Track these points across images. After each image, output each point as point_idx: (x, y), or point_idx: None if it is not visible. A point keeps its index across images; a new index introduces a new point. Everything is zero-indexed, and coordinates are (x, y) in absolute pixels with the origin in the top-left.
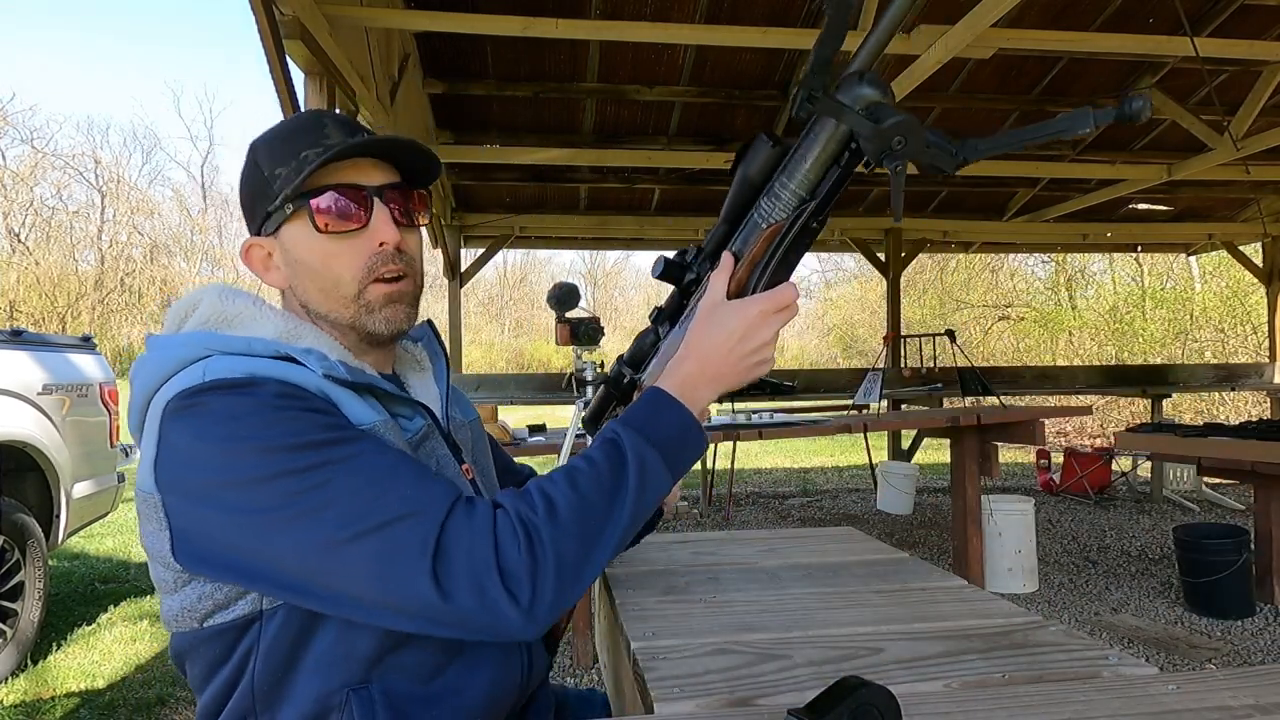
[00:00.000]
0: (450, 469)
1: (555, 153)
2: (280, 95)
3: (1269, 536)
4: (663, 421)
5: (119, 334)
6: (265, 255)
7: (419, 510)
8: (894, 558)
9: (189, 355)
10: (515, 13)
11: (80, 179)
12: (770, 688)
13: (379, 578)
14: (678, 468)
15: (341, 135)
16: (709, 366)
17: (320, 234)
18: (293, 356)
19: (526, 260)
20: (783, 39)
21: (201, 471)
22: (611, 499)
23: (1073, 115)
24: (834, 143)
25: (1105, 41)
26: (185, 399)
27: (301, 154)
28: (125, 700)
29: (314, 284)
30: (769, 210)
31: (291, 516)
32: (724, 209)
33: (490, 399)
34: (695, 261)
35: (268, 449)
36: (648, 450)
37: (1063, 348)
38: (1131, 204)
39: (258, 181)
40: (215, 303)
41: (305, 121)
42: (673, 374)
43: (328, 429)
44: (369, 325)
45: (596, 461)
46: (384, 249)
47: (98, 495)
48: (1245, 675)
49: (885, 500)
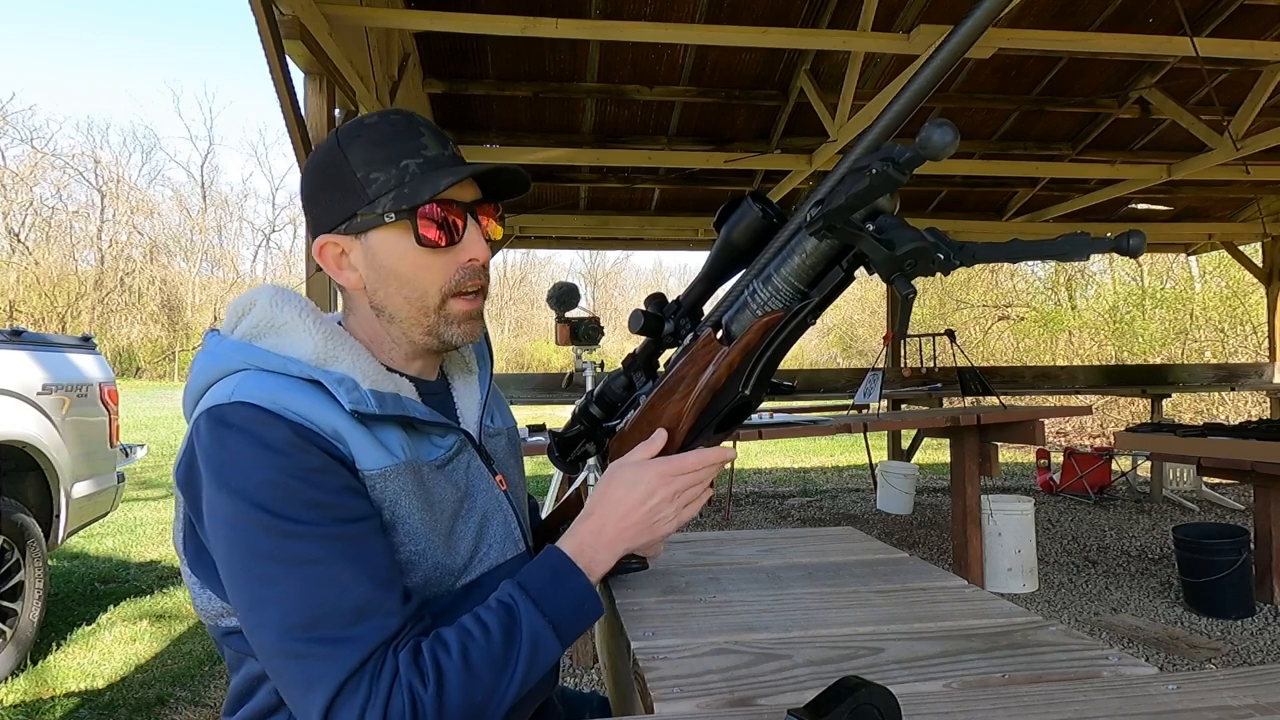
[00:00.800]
0: (483, 481)
1: (555, 152)
2: (280, 95)
3: (1269, 536)
4: (562, 593)
5: (119, 334)
6: (340, 253)
7: (339, 655)
8: (894, 558)
9: (230, 366)
10: (515, 13)
11: (80, 179)
12: (770, 688)
13: (285, 691)
14: (569, 638)
15: (437, 146)
16: (608, 528)
17: (419, 246)
18: (323, 383)
19: (526, 260)
20: (783, 39)
21: (205, 502)
22: (500, 673)
23: (1072, 240)
24: (837, 245)
25: (1105, 41)
26: (212, 419)
27: (401, 162)
28: (125, 700)
29: (400, 291)
30: (765, 298)
31: (246, 591)
32: (705, 266)
33: None
34: (674, 315)
35: (246, 518)
36: (542, 626)
37: (1062, 348)
38: (1131, 204)
39: (345, 179)
40: (266, 307)
41: (400, 126)
42: (574, 534)
43: (310, 508)
44: (446, 336)
45: (491, 631)
46: (473, 264)
47: (98, 495)
48: (1245, 675)
49: (885, 500)
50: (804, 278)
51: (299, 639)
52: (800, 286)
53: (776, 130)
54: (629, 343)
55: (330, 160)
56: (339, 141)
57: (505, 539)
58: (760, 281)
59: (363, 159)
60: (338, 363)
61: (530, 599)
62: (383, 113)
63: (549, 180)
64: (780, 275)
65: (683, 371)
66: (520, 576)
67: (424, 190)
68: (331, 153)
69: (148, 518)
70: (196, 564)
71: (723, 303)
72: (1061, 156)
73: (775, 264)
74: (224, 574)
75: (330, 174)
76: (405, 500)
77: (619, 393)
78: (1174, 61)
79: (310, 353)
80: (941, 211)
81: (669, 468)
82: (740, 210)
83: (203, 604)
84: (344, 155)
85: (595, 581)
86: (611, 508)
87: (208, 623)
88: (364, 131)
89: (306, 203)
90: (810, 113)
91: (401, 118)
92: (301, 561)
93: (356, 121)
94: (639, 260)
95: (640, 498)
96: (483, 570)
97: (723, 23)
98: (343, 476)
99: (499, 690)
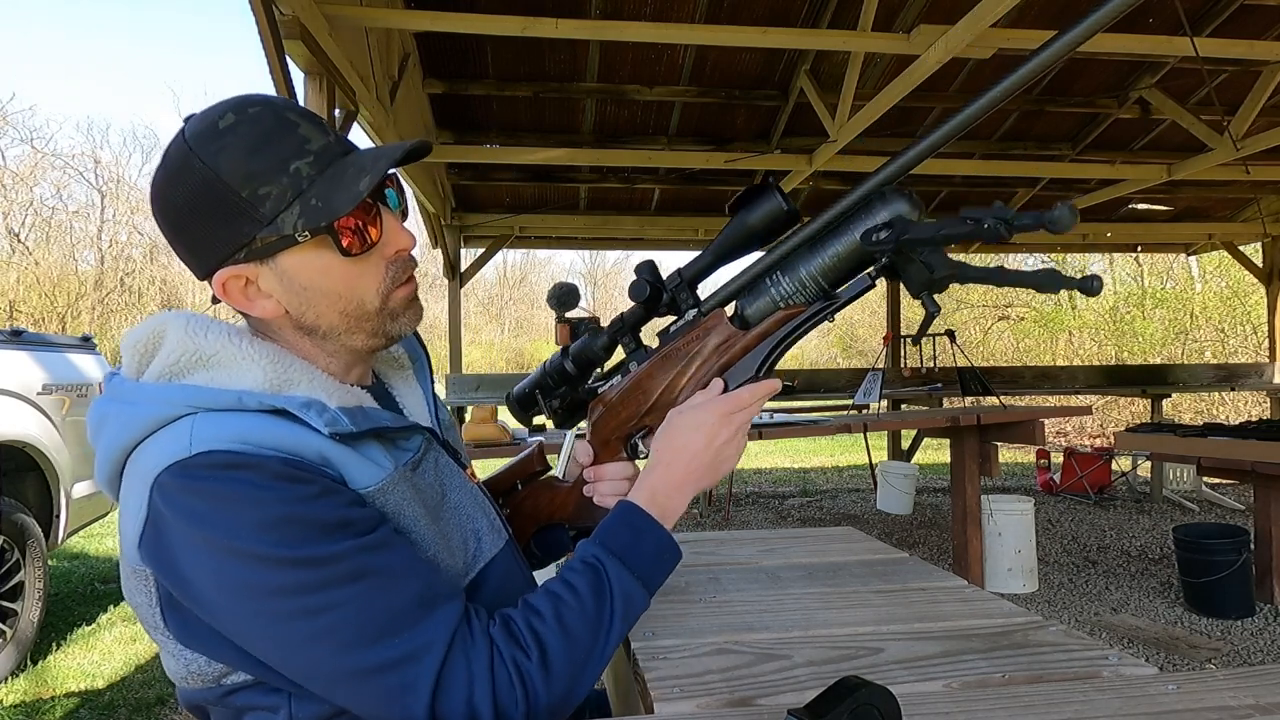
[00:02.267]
0: (455, 478)
1: (555, 153)
2: (280, 95)
3: (1269, 536)
4: (643, 547)
5: (119, 334)
6: (244, 284)
7: (423, 649)
8: (894, 558)
9: (167, 414)
10: (515, 13)
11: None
12: (770, 688)
13: (381, 710)
14: (655, 587)
15: (319, 135)
16: (675, 473)
17: (345, 257)
18: (290, 410)
19: (526, 260)
20: (783, 39)
21: (197, 568)
22: (596, 633)
23: (1048, 275)
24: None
25: (1105, 41)
26: (178, 479)
27: (290, 167)
28: (125, 700)
29: (334, 308)
30: (788, 290)
31: (297, 634)
32: (715, 243)
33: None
34: (675, 288)
35: (269, 560)
36: (631, 582)
37: (1062, 348)
38: (1131, 204)
39: (224, 201)
40: (184, 338)
41: (267, 121)
42: (644, 485)
43: (332, 531)
44: (393, 330)
45: (581, 594)
46: (400, 256)
47: (98, 495)
48: (1245, 675)
49: (885, 500)
50: (830, 277)
51: (372, 652)
52: (824, 285)
53: (776, 130)
54: None
55: (196, 180)
56: (199, 157)
57: (490, 530)
58: (783, 273)
59: (240, 173)
60: (295, 386)
61: (614, 555)
62: (236, 106)
63: (549, 180)
64: (806, 270)
65: (688, 347)
66: (599, 535)
67: (339, 200)
68: (192, 172)
69: None
70: (186, 635)
71: (735, 284)
72: (1061, 156)
73: (802, 259)
74: (244, 630)
75: (202, 196)
76: (409, 509)
77: (599, 353)
78: (1174, 61)
79: (261, 381)
80: (942, 211)
81: (728, 405)
82: (764, 197)
83: (197, 669)
84: (212, 172)
85: (670, 527)
86: (678, 453)
87: (198, 687)
88: (228, 139)
89: (174, 235)
90: (810, 113)
91: (263, 109)
92: (341, 581)
93: (209, 126)
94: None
95: (705, 439)
96: (480, 566)
97: (723, 23)
98: (346, 494)
99: (596, 649)
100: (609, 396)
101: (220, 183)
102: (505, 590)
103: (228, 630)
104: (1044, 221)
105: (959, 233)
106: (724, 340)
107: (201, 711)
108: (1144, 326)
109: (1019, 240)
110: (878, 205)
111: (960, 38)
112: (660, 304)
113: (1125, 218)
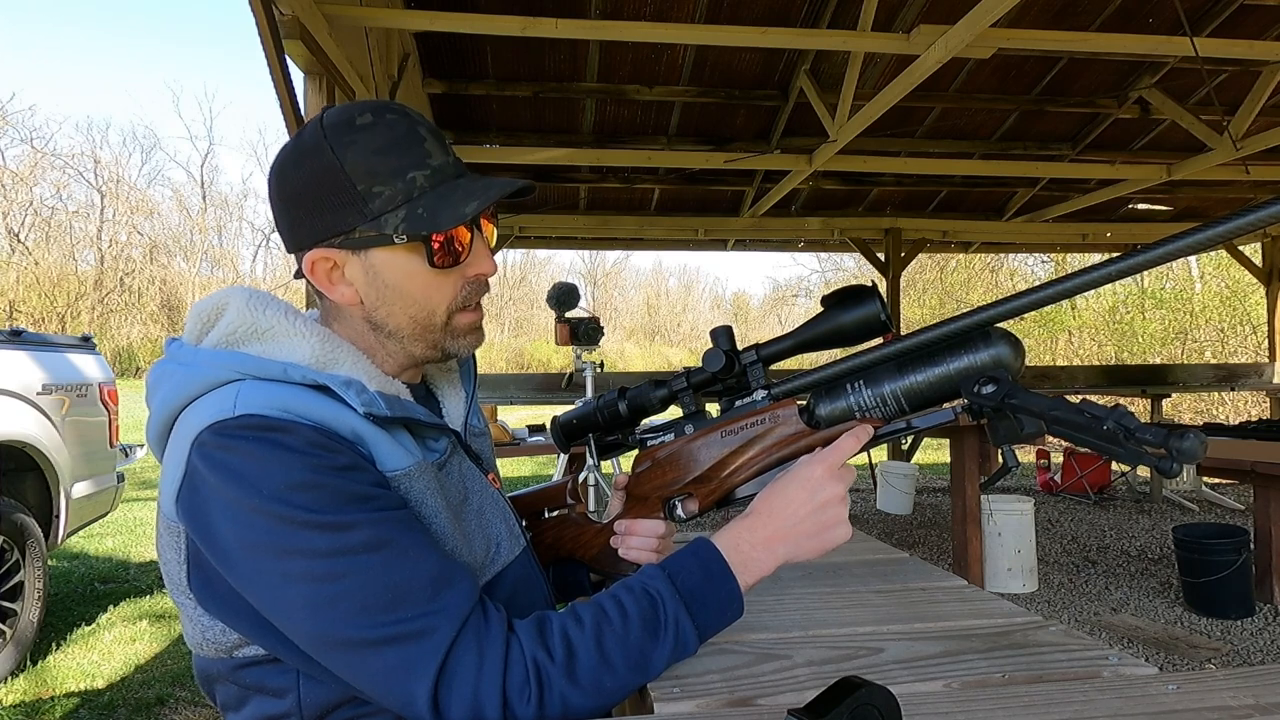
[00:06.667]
0: (476, 481)
1: (555, 152)
2: (280, 95)
3: (1269, 536)
4: (711, 595)
5: (118, 334)
6: (331, 267)
7: (429, 628)
8: (894, 558)
9: (219, 377)
10: (515, 13)
11: (80, 179)
12: (770, 688)
13: (381, 686)
14: (707, 638)
15: (440, 153)
16: (767, 528)
17: (432, 267)
18: (330, 387)
19: (526, 260)
20: (782, 39)
21: (226, 522)
22: (633, 666)
23: (1130, 454)
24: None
25: (1105, 41)
26: (217, 437)
27: (407, 175)
28: (125, 700)
29: (405, 311)
30: (868, 403)
31: (308, 597)
32: (799, 330)
33: (490, 399)
34: (750, 364)
35: (291, 521)
36: (688, 628)
37: (1062, 348)
38: (1131, 204)
39: (341, 188)
40: (244, 311)
41: (400, 130)
42: (729, 531)
43: (355, 502)
44: (451, 349)
45: (631, 619)
46: (479, 280)
47: (97, 495)
48: (1245, 675)
49: (885, 500)
50: (914, 401)
51: (383, 623)
52: (905, 406)
53: (776, 130)
54: (629, 343)
55: (321, 164)
56: (330, 144)
57: (509, 536)
58: (866, 383)
59: (363, 169)
60: (338, 366)
61: (679, 596)
62: (376, 109)
63: (549, 180)
64: (890, 387)
65: (751, 428)
66: (671, 569)
67: (444, 216)
68: (322, 155)
69: (148, 518)
70: (206, 596)
71: (812, 378)
72: (1061, 156)
73: (889, 374)
74: (257, 588)
75: (322, 179)
76: (431, 499)
77: (654, 404)
78: (1174, 61)
79: (308, 357)
80: (942, 211)
81: (834, 456)
82: (865, 302)
83: (213, 637)
84: (338, 161)
85: (745, 586)
86: (776, 508)
87: (211, 657)
88: (360, 136)
89: (281, 206)
90: (810, 113)
91: (399, 119)
92: (356, 550)
93: (347, 120)
94: (639, 260)
95: (808, 493)
96: (497, 570)
97: (723, 23)
98: (372, 473)
99: (629, 682)
100: (659, 454)
101: (342, 172)
102: (520, 596)
103: (242, 586)
104: (1169, 446)
105: (1069, 421)
106: (792, 434)
107: (210, 686)
108: (1144, 326)
109: (1016, 238)
110: (980, 344)
111: (960, 38)
112: (731, 376)
113: (1125, 218)
